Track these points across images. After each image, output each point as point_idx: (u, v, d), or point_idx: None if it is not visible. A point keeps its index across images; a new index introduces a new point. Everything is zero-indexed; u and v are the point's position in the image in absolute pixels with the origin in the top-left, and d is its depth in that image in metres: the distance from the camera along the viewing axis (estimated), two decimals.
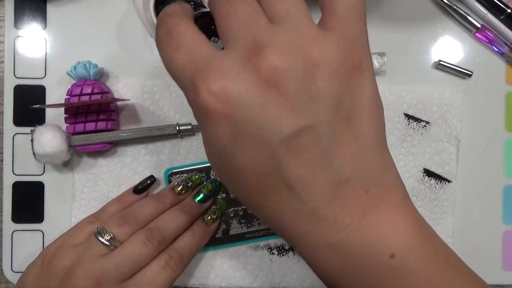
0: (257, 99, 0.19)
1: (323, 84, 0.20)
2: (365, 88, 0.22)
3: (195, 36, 0.21)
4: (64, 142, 0.38)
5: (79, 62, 0.39)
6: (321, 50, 0.20)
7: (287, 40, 0.20)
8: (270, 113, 0.19)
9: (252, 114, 0.19)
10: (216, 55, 0.20)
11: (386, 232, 0.22)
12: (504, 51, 0.43)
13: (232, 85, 0.19)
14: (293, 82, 0.19)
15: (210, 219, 0.38)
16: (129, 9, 0.42)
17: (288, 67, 0.19)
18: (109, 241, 0.34)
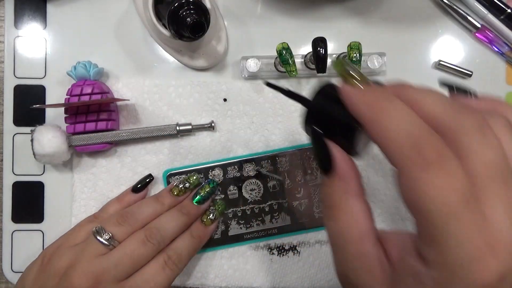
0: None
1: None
2: None
3: (472, 186, 0.19)
4: (64, 142, 0.38)
5: (79, 62, 0.39)
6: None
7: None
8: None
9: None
10: (497, 226, 0.19)
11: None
12: (504, 51, 0.43)
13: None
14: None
15: (208, 220, 0.38)
16: (129, 9, 0.42)
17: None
18: (108, 240, 0.34)
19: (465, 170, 0.19)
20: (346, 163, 0.23)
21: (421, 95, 0.21)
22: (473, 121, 0.20)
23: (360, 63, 0.38)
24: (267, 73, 0.41)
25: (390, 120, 0.20)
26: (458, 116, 0.20)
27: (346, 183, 0.23)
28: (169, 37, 0.37)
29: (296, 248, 0.42)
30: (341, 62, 0.24)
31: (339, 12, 0.43)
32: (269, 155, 0.41)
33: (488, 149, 0.19)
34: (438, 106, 0.20)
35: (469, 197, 0.18)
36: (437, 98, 0.21)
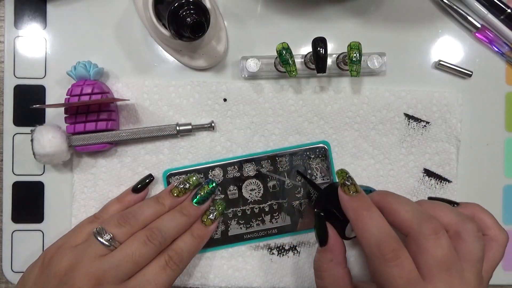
0: None
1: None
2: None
3: (415, 270, 0.29)
4: (64, 142, 0.38)
5: (79, 62, 0.39)
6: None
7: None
8: None
9: None
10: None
11: None
12: (504, 51, 0.43)
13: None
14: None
15: (208, 220, 0.39)
16: (129, 9, 0.42)
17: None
18: (109, 241, 0.34)
19: (417, 262, 0.28)
20: (336, 240, 0.33)
21: (398, 205, 0.31)
22: (430, 227, 0.29)
23: (360, 63, 0.38)
24: (267, 73, 0.41)
25: (365, 226, 0.30)
26: (420, 222, 0.29)
27: (333, 254, 0.33)
28: (169, 37, 0.37)
29: (296, 248, 0.42)
30: (342, 173, 0.34)
31: (339, 12, 0.43)
32: (269, 155, 0.41)
33: (438, 248, 0.28)
34: (408, 214, 0.30)
35: (414, 282, 0.28)
36: (409, 208, 0.30)
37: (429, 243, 0.28)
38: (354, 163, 0.42)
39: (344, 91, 0.42)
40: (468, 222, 0.30)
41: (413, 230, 0.29)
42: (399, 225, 0.30)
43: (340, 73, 0.42)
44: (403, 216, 0.30)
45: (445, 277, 0.28)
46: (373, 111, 0.42)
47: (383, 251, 0.28)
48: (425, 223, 0.29)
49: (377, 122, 0.42)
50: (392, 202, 0.31)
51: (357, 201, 0.32)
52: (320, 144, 0.41)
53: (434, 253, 0.28)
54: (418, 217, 0.30)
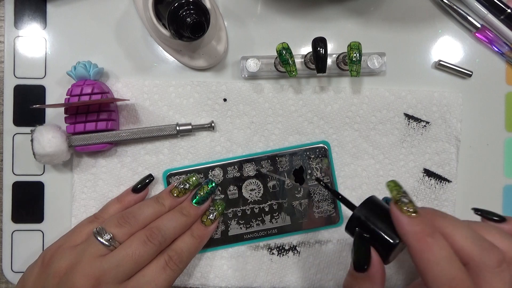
0: None
1: None
2: None
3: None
4: (64, 142, 0.38)
5: (79, 62, 0.39)
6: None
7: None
8: None
9: None
10: None
11: None
12: (504, 51, 0.43)
13: None
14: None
15: (208, 220, 0.39)
16: (129, 9, 0.42)
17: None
18: (109, 241, 0.34)
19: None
20: (379, 268, 0.28)
21: (453, 228, 0.27)
22: (493, 259, 0.26)
23: (360, 63, 0.38)
24: (267, 73, 0.41)
25: (432, 257, 0.26)
26: (482, 253, 0.26)
27: (373, 283, 0.28)
28: (169, 37, 0.37)
29: (296, 248, 0.42)
30: (395, 186, 0.29)
31: (339, 12, 0.43)
32: (269, 155, 0.41)
33: (500, 282, 0.25)
34: (467, 241, 0.26)
35: None
36: (466, 233, 0.27)
37: (492, 277, 0.26)
38: (354, 163, 0.42)
39: (344, 91, 0.42)
40: (490, 255, 0.27)
41: (475, 262, 0.26)
42: (457, 253, 0.27)
43: (340, 73, 0.42)
44: (462, 243, 0.27)
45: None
46: (373, 111, 0.42)
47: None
48: (488, 254, 0.26)
49: (377, 122, 0.42)
50: (446, 226, 0.27)
51: (420, 224, 0.27)
52: (320, 144, 0.41)
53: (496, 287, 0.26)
54: (480, 245, 0.26)
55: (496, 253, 0.26)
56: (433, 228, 0.27)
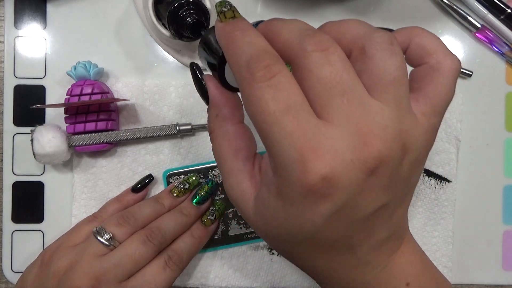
0: (359, 185, 0.20)
1: (406, 168, 0.22)
2: (419, 172, 0.24)
3: (300, 95, 0.20)
4: (64, 142, 0.38)
5: (79, 62, 0.39)
6: (415, 139, 0.21)
7: (394, 130, 0.20)
8: (364, 196, 0.21)
9: (351, 197, 0.20)
10: (326, 132, 0.20)
11: (403, 266, 0.25)
12: (504, 51, 0.43)
13: (342, 171, 0.19)
14: (390, 169, 0.21)
15: (208, 220, 0.38)
16: (129, 9, 0.42)
17: (390, 158, 0.20)
18: (108, 240, 0.34)
19: (302, 86, 0.20)
20: (217, 90, 0.25)
21: (282, 25, 0.22)
22: (313, 41, 0.20)
23: None
24: None
25: (235, 45, 0.22)
26: (303, 40, 0.21)
27: (217, 108, 0.25)
28: (169, 37, 0.37)
29: None
30: (221, 2, 0.24)
31: (339, 12, 0.43)
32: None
33: (325, 66, 0.20)
34: (291, 33, 0.21)
35: (296, 108, 0.20)
36: (294, 27, 0.22)
37: (312, 61, 0.20)
38: None
39: None
40: (377, 32, 0.21)
41: (294, 51, 0.21)
42: (281, 51, 0.21)
43: None
44: (285, 36, 0.21)
45: (341, 104, 0.20)
46: None
47: (253, 68, 0.20)
48: (308, 38, 0.21)
49: None
50: (276, 24, 0.22)
51: (230, 24, 0.23)
52: None
53: (320, 74, 0.20)
54: (302, 34, 0.21)
55: (318, 36, 0.21)
56: (248, 26, 0.22)
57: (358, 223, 0.22)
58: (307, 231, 0.22)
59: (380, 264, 0.24)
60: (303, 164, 0.19)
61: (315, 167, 0.19)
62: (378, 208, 0.22)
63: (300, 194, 0.20)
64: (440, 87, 0.22)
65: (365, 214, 0.21)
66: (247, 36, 0.22)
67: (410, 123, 0.21)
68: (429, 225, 0.42)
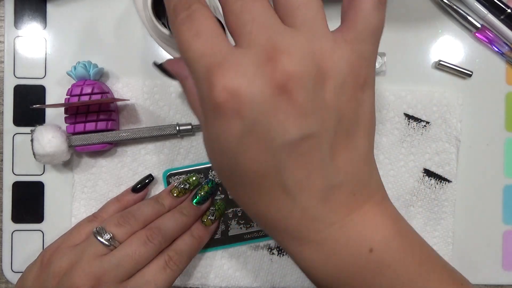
0: (268, 103, 0.20)
1: (330, 95, 0.21)
2: (366, 104, 0.23)
3: (215, 26, 0.21)
4: (64, 142, 0.38)
5: (79, 62, 0.39)
6: (334, 63, 0.21)
7: (303, 48, 0.20)
8: (278, 117, 0.20)
9: (261, 116, 0.20)
10: (233, 51, 0.21)
11: (367, 229, 0.23)
12: (504, 51, 0.43)
13: (247, 85, 0.20)
14: (304, 90, 0.20)
15: (208, 220, 0.38)
16: (129, 9, 0.42)
17: (301, 75, 0.20)
18: (109, 240, 0.34)
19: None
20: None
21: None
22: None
23: None
24: None
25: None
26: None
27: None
28: (169, 36, 0.37)
29: None
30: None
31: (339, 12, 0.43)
32: None
33: (237, 1, 0.21)
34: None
35: (207, 33, 0.21)
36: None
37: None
38: None
39: None
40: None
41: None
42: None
43: None
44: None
45: (250, 29, 0.21)
46: None
47: (177, 11, 0.22)
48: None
49: (377, 122, 0.42)
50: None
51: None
52: None
53: (232, 7, 0.21)
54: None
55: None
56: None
57: (281, 151, 0.21)
58: (227, 156, 0.22)
59: (334, 222, 0.23)
60: (209, 80, 0.20)
61: (219, 82, 0.20)
62: (304, 138, 0.21)
63: (211, 110, 0.21)
64: (360, 13, 0.23)
65: (285, 140, 0.20)
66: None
67: (325, 45, 0.21)
68: (429, 225, 0.42)
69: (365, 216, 0.23)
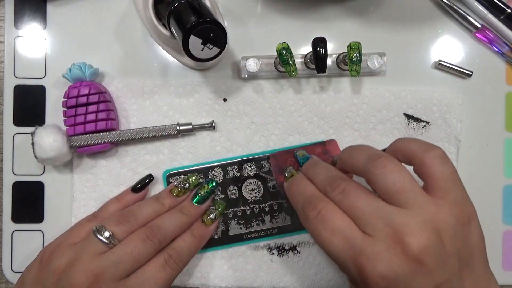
0: (408, 274, 0.25)
1: (449, 246, 0.26)
2: (474, 233, 0.28)
3: (345, 220, 0.27)
4: (65, 144, 0.38)
5: (74, 64, 0.39)
6: (443, 221, 0.26)
7: (419, 222, 0.26)
8: (417, 280, 0.25)
9: (405, 285, 0.25)
10: (366, 241, 0.26)
11: None
12: (504, 51, 0.43)
13: (389, 268, 0.25)
14: (432, 255, 0.25)
15: (209, 220, 0.38)
16: (129, 9, 0.42)
17: (427, 244, 0.25)
18: (108, 238, 0.34)
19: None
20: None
21: (313, 174, 0.32)
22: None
23: (360, 63, 0.38)
24: (267, 73, 0.41)
25: (293, 196, 0.32)
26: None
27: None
28: (169, 37, 0.37)
29: (296, 248, 0.42)
30: (287, 168, 0.35)
31: (339, 12, 0.43)
32: (269, 155, 0.41)
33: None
34: (317, 178, 0.31)
35: (340, 230, 0.27)
36: (320, 170, 0.32)
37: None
38: None
39: (344, 91, 0.42)
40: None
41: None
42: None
43: (340, 73, 0.42)
44: (316, 182, 0.31)
45: (375, 222, 0.27)
46: (373, 111, 0.42)
47: (306, 211, 0.29)
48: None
49: (377, 122, 0.42)
50: (308, 172, 0.33)
51: (290, 181, 0.34)
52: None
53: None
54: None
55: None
56: (301, 177, 0.33)
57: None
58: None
59: None
60: (359, 269, 0.26)
61: (370, 271, 0.26)
62: (438, 287, 0.26)
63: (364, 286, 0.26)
64: (435, 174, 0.28)
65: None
66: (299, 188, 0.32)
67: (431, 211, 0.26)
68: None
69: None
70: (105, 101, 0.39)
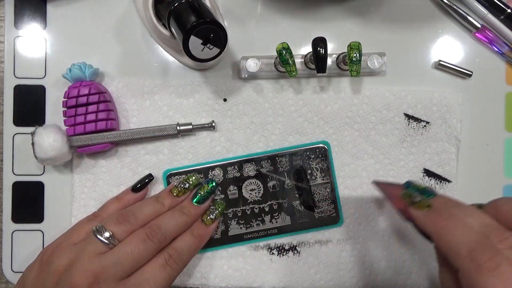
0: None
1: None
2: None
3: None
4: (66, 145, 0.38)
5: (73, 64, 0.39)
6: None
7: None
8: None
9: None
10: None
11: None
12: (504, 51, 0.43)
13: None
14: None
15: (209, 220, 0.39)
16: (129, 9, 0.42)
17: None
18: (108, 239, 0.34)
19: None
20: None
21: (464, 216, 0.27)
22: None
23: (360, 63, 0.38)
24: (267, 73, 0.41)
25: (449, 233, 0.27)
26: (490, 235, 0.26)
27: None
28: (169, 37, 0.37)
29: (296, 248, 0.42)
30: (409, 194, 0.31)
31: (339, 12, 0.43)
32: (269, 155, 0.41)
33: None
34: (473, 220, 0.27)
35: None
36: (471, 213, 0.27)
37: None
38: (354, 163, 0.42)
39: (344, 91, 0.42)
40: None
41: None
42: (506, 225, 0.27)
43: (340, 73, 0.42)
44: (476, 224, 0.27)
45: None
46: (373, 111, 0.42)
47: (478, 259, 0.25)
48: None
49: (377, 122, 0.42)
50: (458, 213, 0.28)
51: (433, 213, 0.29)
52: (320, 144, 0.41)
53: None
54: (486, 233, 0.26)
55: (503, 235, 0.26)
56: (450, 213, 0.28)
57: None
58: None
59: None
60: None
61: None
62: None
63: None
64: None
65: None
66: (458, 226, 0.27)
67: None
68: None
69: None
70: (105, 101, 0.39)
